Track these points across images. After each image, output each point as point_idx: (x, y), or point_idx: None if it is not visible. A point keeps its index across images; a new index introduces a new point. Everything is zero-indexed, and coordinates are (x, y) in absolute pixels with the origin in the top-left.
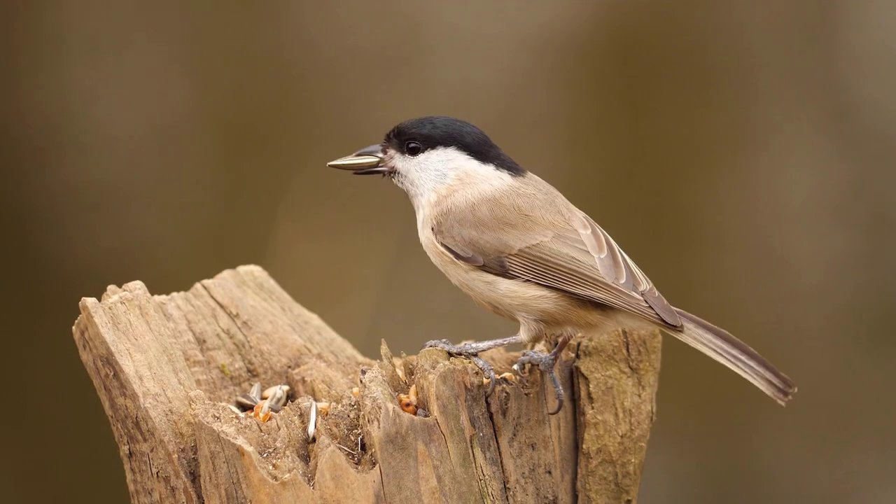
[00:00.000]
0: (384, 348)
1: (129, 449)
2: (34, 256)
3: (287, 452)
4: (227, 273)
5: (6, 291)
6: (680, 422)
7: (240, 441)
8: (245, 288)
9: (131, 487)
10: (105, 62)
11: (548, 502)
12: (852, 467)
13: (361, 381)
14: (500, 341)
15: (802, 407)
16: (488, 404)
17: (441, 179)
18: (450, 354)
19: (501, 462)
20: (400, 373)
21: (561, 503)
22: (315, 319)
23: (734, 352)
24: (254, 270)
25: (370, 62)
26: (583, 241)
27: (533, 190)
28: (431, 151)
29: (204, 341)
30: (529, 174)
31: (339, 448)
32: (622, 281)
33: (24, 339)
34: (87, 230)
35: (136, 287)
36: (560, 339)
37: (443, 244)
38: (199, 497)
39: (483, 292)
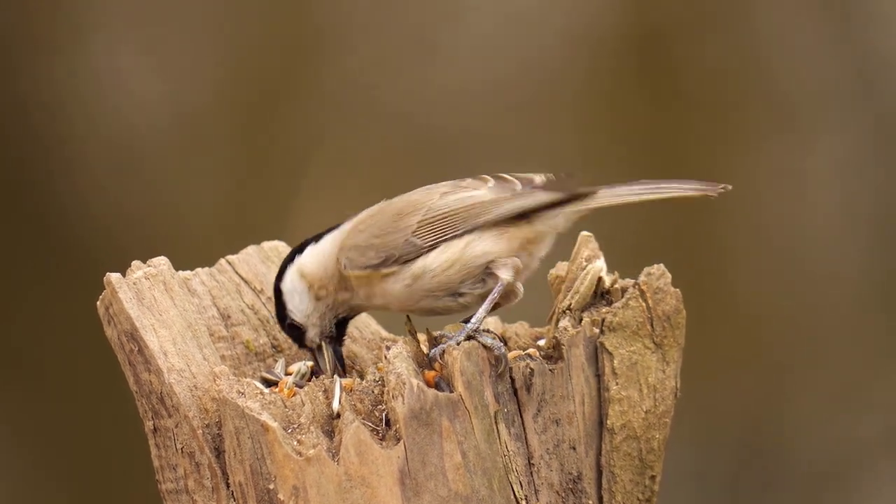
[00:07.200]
0: (408, 324)
1: (153, 424)
2: (57, 230)
3: (311, 428)
4: (251, 248)
5: (29, 266)
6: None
7: (264, 416)
8: (269, 263)
9: (156, 463)
10: (127, 37)
11: (572, 478)
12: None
13: (385, 357)
14: (488, 302)
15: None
16: (512, 380)
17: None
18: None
19: (526, 438)
20: (424, 349)
21: (585, 479)
22: None
23: (651, 186)
24: (278, 246)
25: (396, 38)
26: (463, 187)
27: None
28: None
29: (228, 317)
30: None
31: (364, 424)
32: (518, 187)
33: (47, 314)
34: (110, 205)
35: (161, 262)
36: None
37: (362, 266)
38: (224, 472)
39: (438, 281)
